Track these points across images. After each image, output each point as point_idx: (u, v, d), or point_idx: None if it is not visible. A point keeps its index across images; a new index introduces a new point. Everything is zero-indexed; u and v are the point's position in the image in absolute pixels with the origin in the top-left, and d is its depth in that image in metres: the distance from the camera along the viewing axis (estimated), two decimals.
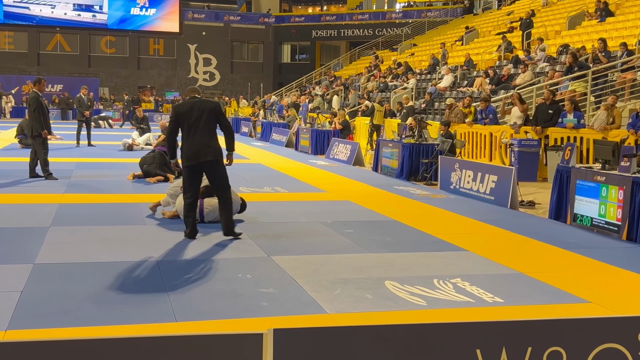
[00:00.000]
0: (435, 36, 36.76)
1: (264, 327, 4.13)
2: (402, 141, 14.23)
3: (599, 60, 16.49)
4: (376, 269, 6.32)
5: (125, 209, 9.43)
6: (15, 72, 44.44)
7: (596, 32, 20.83)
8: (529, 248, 7.51)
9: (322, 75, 41.26)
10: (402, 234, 8.15)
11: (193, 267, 6.25)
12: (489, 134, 15.15)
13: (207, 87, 49.64)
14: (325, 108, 28.13)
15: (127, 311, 4.91)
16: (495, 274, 6.30)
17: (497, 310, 5.15)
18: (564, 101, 14.28)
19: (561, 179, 9.28)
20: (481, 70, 22.77)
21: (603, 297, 5.58)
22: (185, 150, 7.49)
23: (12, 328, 4.46)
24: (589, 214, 8.59)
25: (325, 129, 20.64)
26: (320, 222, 8.73)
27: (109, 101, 43.35)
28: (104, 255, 6.62)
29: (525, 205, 10.47)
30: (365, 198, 11.06)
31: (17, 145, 18.82)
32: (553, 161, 12.22)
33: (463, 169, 11.68)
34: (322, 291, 5.52)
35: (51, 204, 9.51)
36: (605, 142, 9.42)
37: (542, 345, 3.20)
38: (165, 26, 47.40)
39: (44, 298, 5.17)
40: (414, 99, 23.24)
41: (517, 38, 24.98)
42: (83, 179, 12.41)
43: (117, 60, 48.22)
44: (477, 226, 8.83)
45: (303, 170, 15.21)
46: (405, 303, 5.28)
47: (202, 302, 5.20)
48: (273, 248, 7.16)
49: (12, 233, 7.53)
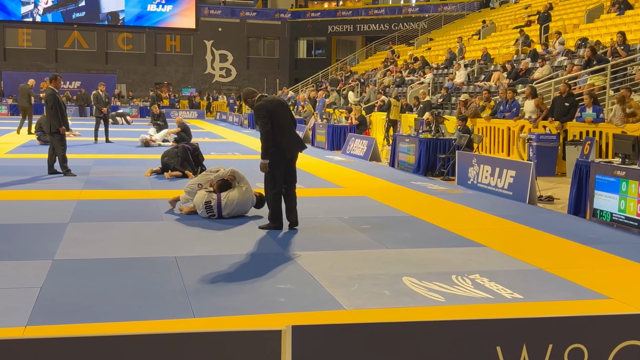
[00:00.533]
0: (452, 30, 36.56)
1: (282, 323, 4.12)
2: (419, 136, 14.17)
3: (618, 53, 16.32)
4: (394, 265, 6.29)
5: (143, 205, 9.47)
6: (33, 69, 44.79)
7: (615, 26, 20.61)
8: (548, 243, 7.44)
9: (338, 70, 41.20)
10: (419, 229, 8.12)
11: (211, 263, 6.25)
12: (507, 129, 15.04)
13: (223, 83, 49.80)
14: (342, 103, 28.09)
15: (145, 307, 4.93)
16: (514, 269, 6.25)
17: (517, 307, 5.11)
18: (580, 94, 14.16)
19: (580, 173, 9.19)
20: (498, 64, 22.61)
21: (624, 293, 5.52)
22: (284, 145, 7.72)
23: (32, 324, 4.49)
24: (609, 209, 8.50)
25: (341, 124, 20.60)
26: (337, 217, 8.71)
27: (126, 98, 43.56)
28: (123, 251, 6.64)
29: (544, 201, 10.38)
30: (382, 193, 11.02)
31: (36, 142, 18.95)
32: (572, 156, 12.11)
33: (481, 164, 11.61)
34: (340, 287, 5.51)
35: (70, 201, 9.56)
36: (625, 137, 9.32)
37: (563, 342, 3.17)
38: (181, 22, 47.61)
39: (63, 294, 5.19)
40: (430, 94, 23.14)
41: (535, 32, 24.78)
42: (101, 176, 12.48)
43: (134, 57, 48.46)
44: (496, 222, 8.77)
45: (319, 165, 15.19)
46: (423, 299, 5.25)
47: (220, 298, 5.20)
48: (290, 244, 7.16)
49: (31, 229, 7.58)
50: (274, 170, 7.75)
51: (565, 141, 13.31)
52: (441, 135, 14.02)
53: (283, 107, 7.94)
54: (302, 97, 30.96)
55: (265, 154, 7.67)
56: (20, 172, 12.61)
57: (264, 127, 7.61)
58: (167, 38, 49.19)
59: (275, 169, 7.76)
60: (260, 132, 7.72)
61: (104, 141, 19.92)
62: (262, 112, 7.64)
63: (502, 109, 15.75)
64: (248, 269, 6.11)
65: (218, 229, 7.82)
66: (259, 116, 7.67)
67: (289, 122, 7.89)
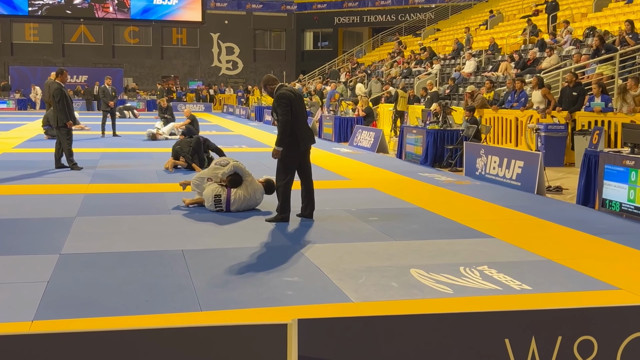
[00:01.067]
0: (459, 21, 36.40)
1: (289, 316, 4.11)
2: (426, 127, 14.12)
3: (626, 42, 16.19)
4: (401, 257, 6.27)
5: (151, 198, 9.46)
6: (40, 63, 44.91)
7: (623, 14, 20.45)
8: (556, 234, 7.40)
9: (344, 62, 41.09)
10: (427, 221, 8.08)
11: (218, 256, 6.24)
12: (515, 119, 14.97)
13: (230, 75, 49.78)
14: (349, 95, 28.02)
15: (152, 301, 4.92)
16: (523, 260, 6.21)
17: (525, 298, 5.07)
18: (588, 84, 14.06)
19: (589, 163, 9.13)
20: (506, 54, 22.49)
21: (634, 284, 5.47)
22: (300, 135, 7.74)
23: (39, 318, 4.49)
24: (618, 199, 8.44)
25: (348, 116, 20.55)
26: (344, 209, 8.69)
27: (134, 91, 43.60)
28: (130, 245, 6.64)
29: (552, 191, 10.33)
30: (390, 185, 10.99)
31: (44, 136, 18.99)
32: (580, 146, 12.04)
33: (489, 154, 11.55)
34: (347, 280, 5.49)
35: (77, 195, 9.57)
36: (634, 126, 9.24)
37: (572, 334, 3.13)
38: (188, 15, 47.57)
39: (70, 288, 5.19)
40: (438, 85, 23.05)
41: (543, 21, 24.63)
42: (108, 169, 12.49)
43: (140, 51, 48.50)
44: (504, 212, 8.73)
45: (326, 157, 15.16)
46: (431, 291, 5.23)
47: (227, 291, 5.19)
48: (297, 236, 7.14)
49: (38, 223, 7.58)
50: (286, 160, 7.77)
51: (573, 131, 13.24)
52: (449, 126, 13.96)
53: (300, 98, 7.98)
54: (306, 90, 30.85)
55: (281, 142, 7.68)
56: (28, 166, 12.63)
57: (285, 116, 7.61)
58: (174, 31, 49.20)
59: (288, 159, 7.77)
60: (280, 120, 7.68)
61: (111, 135, 19.95)
62: (284, 100, 7.64)
63: (510, 99, 15.67)
64: (255, 262, 6.09)
65: (225, 222, 7.81)
66: (280, 104, 7.65)
67: (305, 114, 7.99)
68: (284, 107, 7.61)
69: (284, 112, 7.60)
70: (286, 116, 7.60)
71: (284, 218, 7.81)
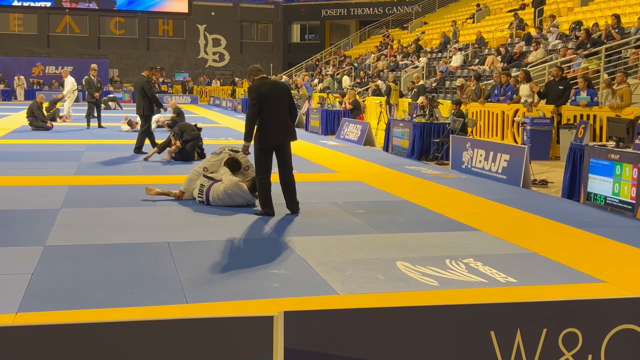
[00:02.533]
0: (446, 14, 36.41)
1: (275, 308, 4.10)
2: (413, 120, 14.13)
3: (612, 36, 16.27)
4: (388, 250, 6.28)
5: (136, 190, 9.40)
6: (25, 54, 44.50)
7: (609, 9, 20.56)
8: (542, 227, 7.44)
9: (332, 55, 41.01)
10: (413, 214, 8.10)
11: (204, 248, 6.22)
12: (501, 113, 15.01)
13: (216, 67, 49.57)
14: (336, 88, 27.99)
15: (137, 293, 4.90)
16: (508, 253, 6.24)
17: (511, 291, 5.10)
18: (574, 77, 14.12)
19: (574, 157, 9.18)
20: (493, 48, 22.55)
21: (618, 277, 5.51)
22: (269, 131, 7.53)
23: (23, 310, 4.46)
24: (603, 193, 8.49)
25: (335, 108, 20.53)
26: (331, 202, 8.68)
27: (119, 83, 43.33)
28: (115, 237, 6.60)
29: (537, 184, 10.38)
30: (376, 178, 11.00)
31: (28, 127, 18.83)
32: (566, 139, 12.09)
33: (475, 148, 11.59)
34: (334, 272, 5.49)
35: (62, 186, 9.50)
36: (620, 120, 9.31)
37: (557, 326, 3.15)
38: (174, 7, 47.32)
39: (55, 280, 5.16)
40: (424, 78, 23.07)
41: (529, 15, 24.70)
42: (94, 161, 12.41)
43: (126, 42, 48.17)
44: (490, 206, 8.76)
45: (313, 150, 15.15)
46: (417, 284, 5.24)
47: (213, 283, 5.17)
48: (284, 229, 7.13)
49: (23, 215, 7.52)
50: (261, 155, 7.65)
51: (559, 125, 13.29)
52: (435, 120, 13.97)
53: (281, 92, 7.75)
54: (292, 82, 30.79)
55: (246, 136, 7.60)
56: (12, 157, 12.52)
57: (249, 109, 7.53)
58: (160, 22, 48.89)
59: (262, 154, 7.65)
60: (246, 113, 7.65)
61: (97, 126, 19.81)
62: (252, 93, 7.55)
63: (497, 93, 15.71)
64: (242, 255, 6.08)
65: (211, 215, 7.78)
66: (249, 97, 7.60)
67: (281, 109, 7.66)
68: (250, 100, 7.55)
69: (250, 105, 7.53)
70: (251, 109, 7.50)
71: (267, 212, 7.73)
